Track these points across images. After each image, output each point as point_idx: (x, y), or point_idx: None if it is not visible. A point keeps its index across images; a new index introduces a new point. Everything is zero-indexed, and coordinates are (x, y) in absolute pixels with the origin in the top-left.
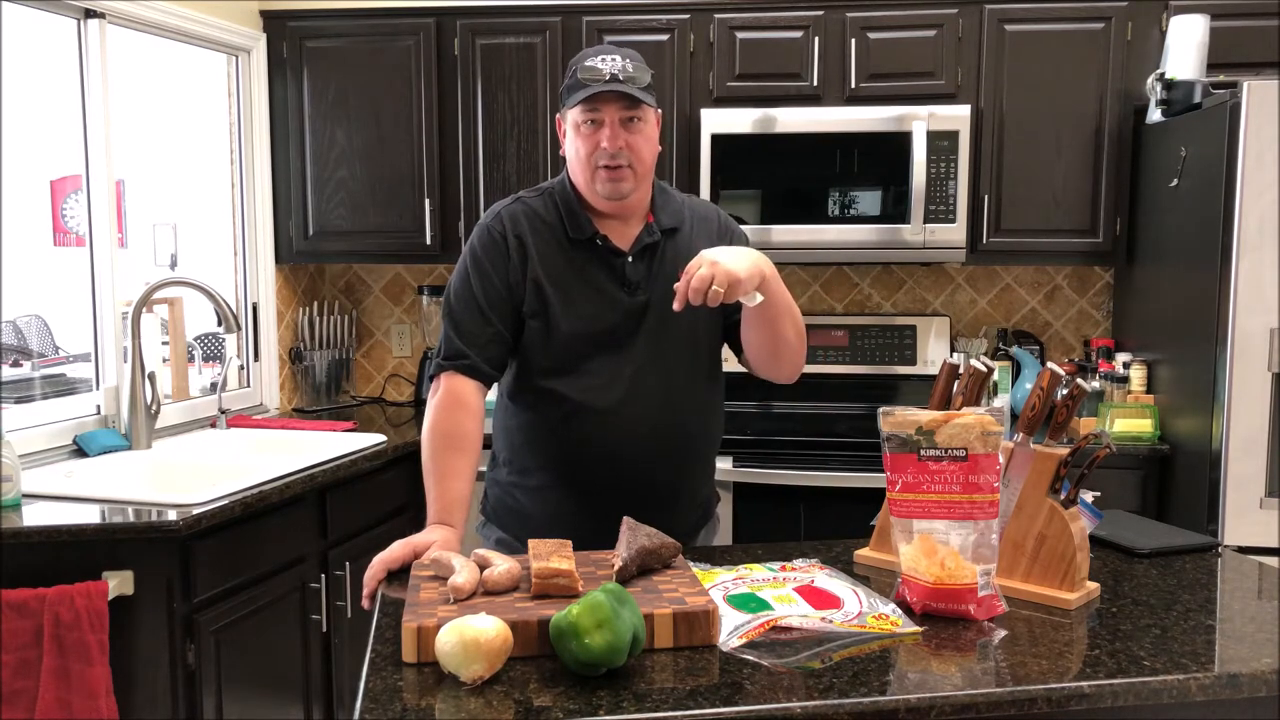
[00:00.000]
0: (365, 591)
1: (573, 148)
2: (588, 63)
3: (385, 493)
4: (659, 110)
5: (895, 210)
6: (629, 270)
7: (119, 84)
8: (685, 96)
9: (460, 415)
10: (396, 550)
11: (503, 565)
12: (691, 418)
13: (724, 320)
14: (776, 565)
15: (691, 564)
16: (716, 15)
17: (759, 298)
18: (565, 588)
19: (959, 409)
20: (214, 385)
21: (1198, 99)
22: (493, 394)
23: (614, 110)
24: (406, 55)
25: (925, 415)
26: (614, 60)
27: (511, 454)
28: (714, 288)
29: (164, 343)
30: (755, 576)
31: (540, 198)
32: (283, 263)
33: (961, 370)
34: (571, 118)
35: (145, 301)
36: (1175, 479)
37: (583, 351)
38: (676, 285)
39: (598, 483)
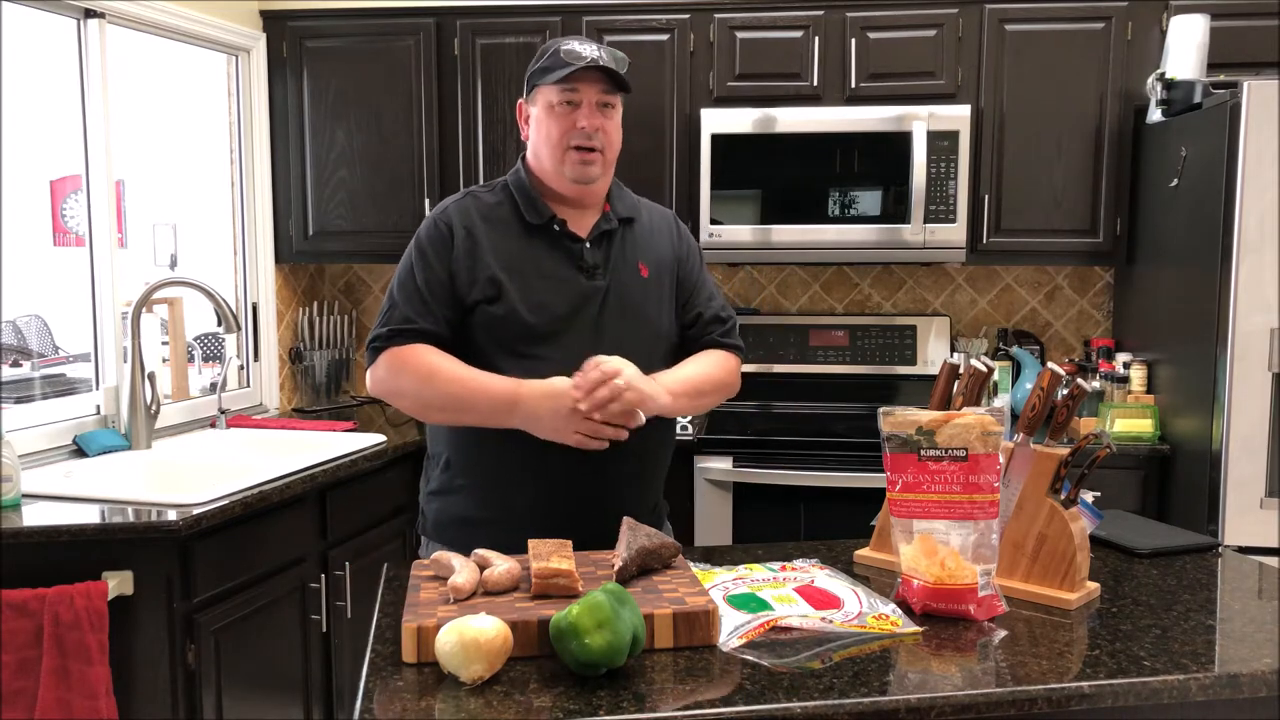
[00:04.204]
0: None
1: (543, 130)
2: (567, 46)
3: (385, 493)
4: (622, 107)
5: (895, 210)
6: (587, 254)
7: (119, 84)
8: (685, 96)
9: (420, 353)
10: (573, 383)
11: (503, 565)
12: None
13: (680, 323)
14: (776, 565)
15: (691, 564)
16: (716, 15)
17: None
18: (565, 588)
19: (959, 409)
20: (214, 385)
21: (1198, 99)
22: None
23: (593, 92)
24: (406, 55)
25: (925, 415)
26: (592, 46)
27: (455, 454)
28: (623, 399)
29: (164, 343)
30: (755, 576)
31: (492, 190)
32: (283, 263)
33: (961, 370)
34: (545, 98)
35: (145, 301)
36: (1175, 479)
37: (540, 337)
38: (593, 374)
39: (549, 474)
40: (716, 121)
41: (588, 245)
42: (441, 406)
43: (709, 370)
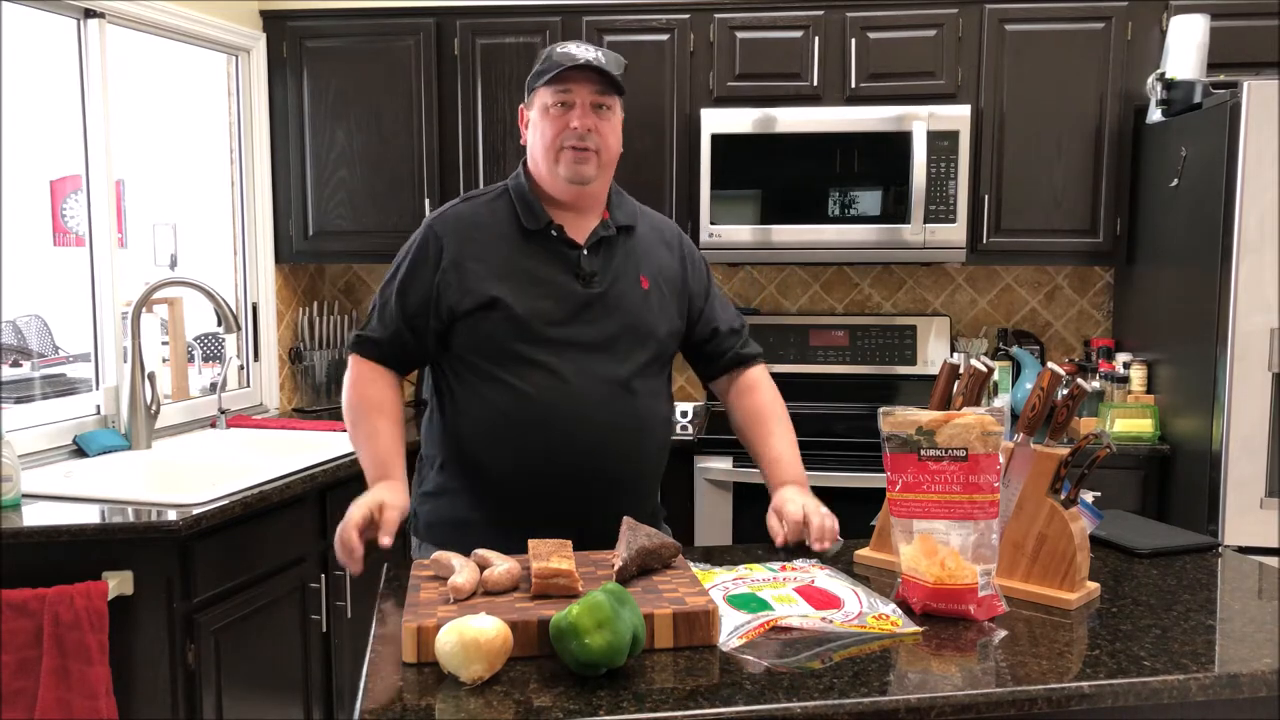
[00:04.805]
0: (354, 568)
1: (538, 131)
2: (561, 49)
3: None
4: (622, 114)
5: (895, 210)
6: (584, 261)
7: (119, 84)
8: (685, 96)
9: (373, 386)
10: (354, 515)
11: (503, 565)
12: (643, 412)
13: (685, 331)
14: (776, 565)
15: (691, 564)
16: (716, 15)
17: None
18: (565, 588)
19: (959, 409)
20: (214, 385)
21: (1198, 99)
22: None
23: (586, 92)
24: (406, 55)
25: (925, 415)
26: (588, 48)
27: (448, 456)
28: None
29: (164, 343)
30: (755, 576)
31: (491, 195)
32: (283, 263)
33: (961, 370)
34: (540, 100)
35: (145, 301)
36: (1175, 479)
37: (535, 341)
38: (783, 526)
39: (545, 476)
40: (716, 121)
41: (585, 252)
42: (350, 436)
43: (783, 421)
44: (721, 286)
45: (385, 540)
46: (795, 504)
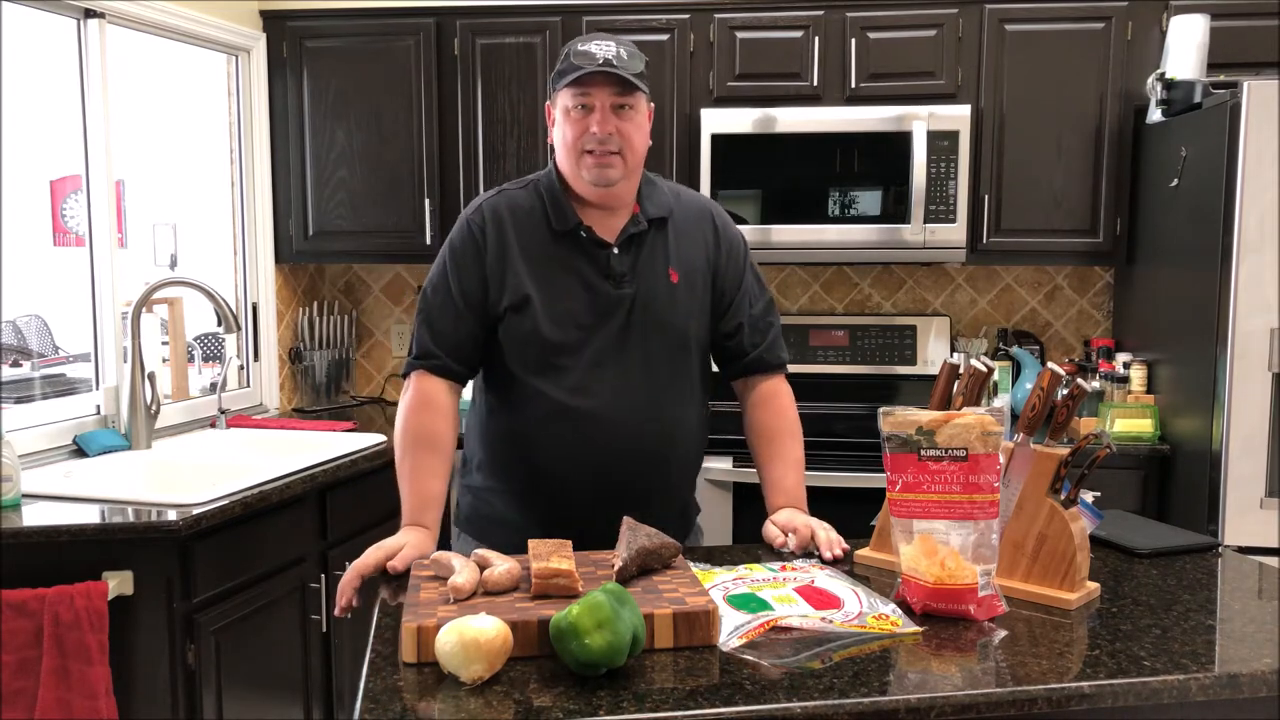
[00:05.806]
0: (340, 603)
1: (560, 134)
2: (580, 47)
3: (385, 493)
4: (651, 104)
5: (895, 210)
6: (614, 261)
7: (119, 84)
8: (685, 96)
9: (431, 415)
10: (370, 556)
11: (503, 565)
12: (676, 414)
13: (713, 325)
14: (776, 565)
15: (691, 564)
16: (716, 15)
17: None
18: (565, 588)
19: (959, 409)
20: (214, 385)
21: (1198, 99)
22: (466, 393)
23: (605, 95)
24: (406, 55)
25: (925, 415)
26: (608, 46)
27: (487, 455)
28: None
29: (164, 343)
30: (755, 576)
31: (524, 190)
32: (283, 263)
33: (961, 370)
34: (561, 102)
35: (145, 301)
36: (1175, 479)
37: (566, 346)
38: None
39: (578, 482)
40: (716, 121)
41: (615, 251)
42: (397, 463)
43: (794, 442)
44: None
45: (394, 565)
46: (800, 519)
